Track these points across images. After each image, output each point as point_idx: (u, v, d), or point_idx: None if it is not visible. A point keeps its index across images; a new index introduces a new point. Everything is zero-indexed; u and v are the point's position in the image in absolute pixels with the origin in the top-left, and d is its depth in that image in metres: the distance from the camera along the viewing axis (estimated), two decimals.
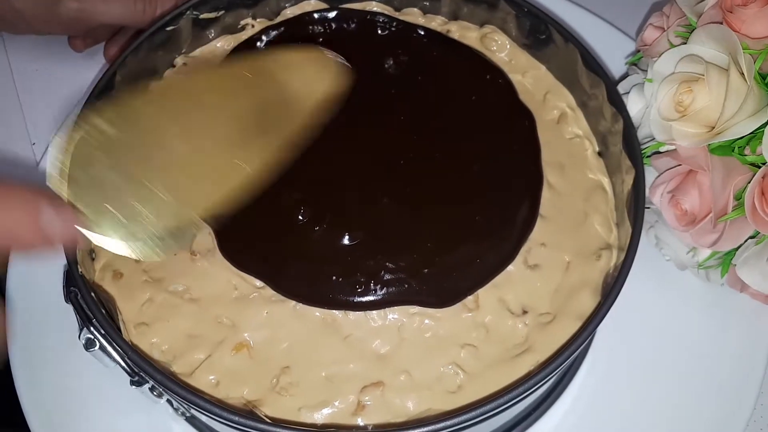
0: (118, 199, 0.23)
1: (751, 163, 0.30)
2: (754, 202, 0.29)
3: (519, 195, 0.33)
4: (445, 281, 0.30)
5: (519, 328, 0.30)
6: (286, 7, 0.39)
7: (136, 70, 0.35)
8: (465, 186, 0.33)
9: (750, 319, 0.36)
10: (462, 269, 0.30)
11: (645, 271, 0.36)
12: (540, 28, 0.36)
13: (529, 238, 0.31)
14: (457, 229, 0.31)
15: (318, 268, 0.30)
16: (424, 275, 0.30)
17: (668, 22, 0.35)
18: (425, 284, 0.30)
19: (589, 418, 0.35)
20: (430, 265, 0.30)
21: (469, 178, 0.33)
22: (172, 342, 0.30)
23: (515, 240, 0.31)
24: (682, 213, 0.33)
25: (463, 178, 0.33)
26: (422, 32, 0.38)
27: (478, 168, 0.33)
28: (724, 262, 0.34)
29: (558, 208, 0.33)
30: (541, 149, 0.34)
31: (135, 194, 0.23)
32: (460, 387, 0.29)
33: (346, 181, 0.32)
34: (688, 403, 0.35)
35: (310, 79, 0.31)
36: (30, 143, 0.43)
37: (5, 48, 0.47)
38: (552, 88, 0.37)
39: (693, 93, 0.31)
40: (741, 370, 0.35)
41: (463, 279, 0.30)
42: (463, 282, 0.30)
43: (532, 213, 0.32)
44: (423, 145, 0.34)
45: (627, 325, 0.36)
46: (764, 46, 0.30)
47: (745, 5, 0.31)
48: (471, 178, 0.33)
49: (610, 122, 0.34)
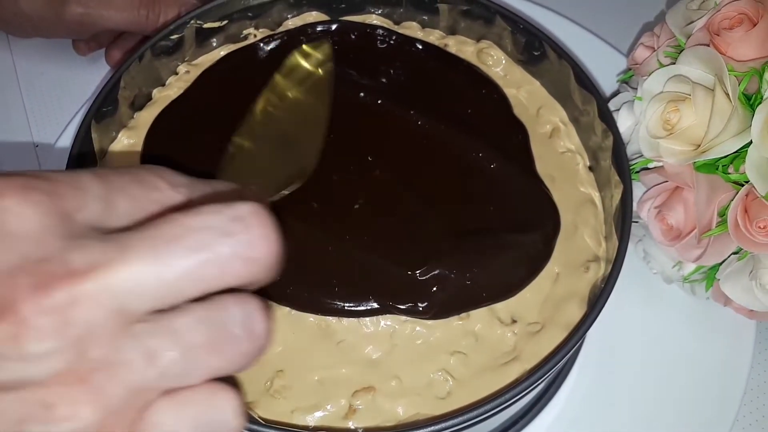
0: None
1: (734, 181, 0.31)
2: (737, 219, 0.30)
3: (532, 238, 0.32)
4: (441, 299, 0.30)
5: (508, 337, 0.31)
6: (287, 18, 0.40)
7: (140, 77, 0.36)
8: (466, 201, 0.33)
9: (733, 332, 0.37)
10: (461, 290, 0.31)
11: (633, 284, 0.37)
12: (534, 45, 0.37)
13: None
14: (457, 248, 0.31)
15: (313, 276, 0.30)
16: (421, 291, 0.30)
17: (658, 42, 0.36)
18: (420, 299, 0.30)
19: (575, 428, 0.35)
20: (428, 283, 0.30)
21: (469, 194, 0.33)
22: None
23: (520, 279, 0.31)
24: (668, 228, 0.34)
25: (462, 193, 0.33)
26: (420, 46, 0.39)
27: (475, 184, 0.33)
28: (708, 277, 0.35)
29: None
30: (534, 162, 0.35)
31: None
32: (449, 393, 0.30)
33: (343, 192, 0.33)
34: (673, 412, 0.36)
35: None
36: (33, 146, 0.44)
37: (11, 51, 0.48)
38: (545, 102, 0.38)
39: (680, 112, 0.32)
40: (724, 382, 0.36)
41: (460, 299, 0.31)
42: (460, 301, 0.31)
43: (546, 254, 0.32)
44: (420, 157, 0.34)
45: (614, 335, 0.37)
46: (749, 68, 0.31)
47: (731, 29, 0.31)
48: (471, 194, 0.33)
49: (601, 138, 0.35)
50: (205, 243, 0.17)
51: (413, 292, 0.30)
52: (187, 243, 0.17)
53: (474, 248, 0.31)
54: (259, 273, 0.17)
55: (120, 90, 0.35)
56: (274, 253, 0.18)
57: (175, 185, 0.19)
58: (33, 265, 0.16)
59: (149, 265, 0.16)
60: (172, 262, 0.16)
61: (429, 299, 0.30)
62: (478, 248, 0.32)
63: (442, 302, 0.30)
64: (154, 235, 0.17)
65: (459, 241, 0.32)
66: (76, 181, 0.17)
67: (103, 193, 0.17)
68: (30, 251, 0.16)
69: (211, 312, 0.17)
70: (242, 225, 0.17)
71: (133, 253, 0.16)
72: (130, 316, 0.16)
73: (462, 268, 0.31)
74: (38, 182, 0.17)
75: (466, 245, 0.31)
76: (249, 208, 0.17)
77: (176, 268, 0.16)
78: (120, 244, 0.16)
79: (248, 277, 0.17)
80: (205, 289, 0.17)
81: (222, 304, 0.17)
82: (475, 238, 0.32)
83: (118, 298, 0.16)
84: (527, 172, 0.35)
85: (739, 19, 0.32)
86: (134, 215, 0.18)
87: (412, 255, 0.31)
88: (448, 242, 0.31)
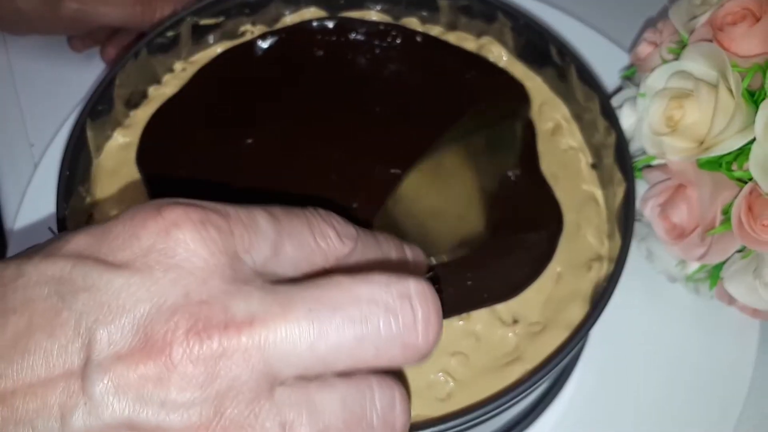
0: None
1: (738, 178, 0.31)
2: (740, 217, 0.30)
3: (535, 238, 0.32)
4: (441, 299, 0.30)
5: (509, 338, 0.30)
6: (285, 14, 0.39)
7: (136, 75, 0.36)
8: (470, 199, 0.32)
9: (737, 332, 0.37)
10: (462, 291, 0.30)
11: (636, 283, 0.37)
12: (536, 41, 0.37)
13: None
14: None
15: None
16: None
17: (661, 37, 0.36)
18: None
19: (579, 428, 0.35)
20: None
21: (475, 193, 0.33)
22: None
23: (523, 279, 0.31)
24: (671, 226, 0.33)
25: (468, 190, 0.33)
26: (420, 39, 0.39)
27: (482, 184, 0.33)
28: (712, 276, 0.34)
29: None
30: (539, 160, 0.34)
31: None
32: (450, 395, 0.29)
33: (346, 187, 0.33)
34: (676, 412, 0.35)
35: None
36: (29, 144, 0.43)
37: (6, 48, 0.47)
38: (547, 99, 0.38)
39: (683, 108, 0.32)
40: (728, 381, 0.36)
41: (461, 300, 0.30)
42: (460, 302, 0.30)
43: (549, 254, 0.32)
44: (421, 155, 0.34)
45: (617, 335, 0.37)
46: (752, 64, 0.31)
47: (734, 24, 0.31)
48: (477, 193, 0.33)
49: (603, 135, 0.34)
50: (369, 318, 0.16)
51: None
52: (350, 313, 0.16)
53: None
54: (414, 359, 0.17)
55: (115, 88, 0.35)
56: (435, 341, 0.17)
57: (344, 236, 0.18)
58: (194, 306, 0.15)
59: (307, 330, 0.15)
60: (331, 331, 0.16)
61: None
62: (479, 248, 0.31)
63: (442, 302, 0.30)
64: (318, 297, 0.16)
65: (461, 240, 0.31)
66: (251, 221, 0.17)
67: (274, 237, 0.17)
68: (194, 289, 0.15)
69: (355, 393, 0.16)
70: (409, 305, 0.16)
71: (293, 313, 0.15)
72: (275, 379, 0.15)
73: (463, 268, 0.30)
74: (215, 218, 0.16)
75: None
76: (418, 287, 0.17)
77: (333, 339, 0.16)
78: (282, 299, 0.16)
79: (403, 362, 0.16)
80: (356, 366, 0.16)
81: (366, 386, 0.16)
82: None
83: (269, 358, 0.15)
84: (531, 170, 0.34)
85: (743, 14, 0.31)
86: (298, 262, 0.17)
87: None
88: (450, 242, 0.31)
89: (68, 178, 0.31)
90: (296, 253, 0.17)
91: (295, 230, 0.17)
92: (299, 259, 0.17)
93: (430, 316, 0.17)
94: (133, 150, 0.35)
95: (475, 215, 0.30)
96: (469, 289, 0.30)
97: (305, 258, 0.17)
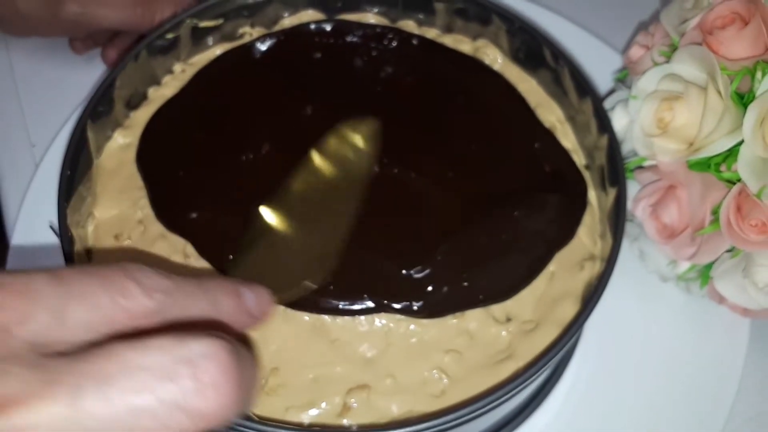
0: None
1: (727, 179, 0.31)
2: (729, 217, 0.30)
3: (533, 240, 0.32)
4: (437, 299, 0.30)
5: (502, 336, 0.31)
6: (284, 17, 0.40)
7: (136, 76, 0.36)
8: (470, 204, 0.33)
9: (727, 331, 0.37)
10: (457, 291, 0.31)
11: (628, 283, 0.37)
12: (531, 43, 0.37)
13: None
14: (455, 250, 0.31)
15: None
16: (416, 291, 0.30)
17: (653, 40, 0.36)
18: (415, 299, 0.30)
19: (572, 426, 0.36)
20: (423, 283, 0.31)
21: (476, 199, 0.33)
22: None
23: (517, 281, 0.31)
24: (662, 226, 0.34)
25: (469, 196, 0.33)
26: (416, 42, 0.39)
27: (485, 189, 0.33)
28: (702, 275, 0.35)
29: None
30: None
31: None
32: (444, 391, 0.30)
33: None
34: (667, 409, 0.36)
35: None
36: (30, 145, 0.44)
37: (8, 49, 0.48)
38: (542, 101, 0.38)
39: (673, 110, 0.32)
40: (718, 379, 0.36)
41: (456, 300, 0.31)
42: (455, 302, 0.31)
43: (545, 257, 0.32)
44: (425, 158, 0.34)
45: (609, 334, 0.37)
46: (741, 67, 0.31)
47: (723, 28, 0.32)
48: (478, 199, 0.33)
49: (596, 137, 0.35)
50: (144, 388, 0.14)
51: (408, 292, 0.30)
52: (122, 385, 0.14)
53: (471, 248, 0.32)
54: (206, 425, 0.15)
55: (116, 89, 0.35)
56: (227, 406, 0.15)
57: (151, 290, 0.17)
58: None
59: (72, 407, 0.14)
60: (99, 407, 0.14)
61: (424, 299, 0.30)
62: (475, 248, 0.32)
63: (437, 302, 0.30)
64: (86, 371, 0.14)
65: (456, 240, 0.32)
66: (27, 287, 0.15)
67: (56, 303, 0.15)
68: None
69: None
70: (190, 369, 0.15)
71: (55, 390, 0.14)
72: None
73: (458, 268, 0.31)
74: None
75: (462, 245, 0.32)
76: (204, 348, 0.15)
77: (103, 415, 0.14)
78: (47, 376, 0.14)
79: (195, 428, 0.15)
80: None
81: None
82: (472, 238, 0.32)
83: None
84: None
85: (732, 18, 0.32)
86: (93, 325, 0.16)
87: (408, 254, 0.31)
88: (445, 242, 0.31)
89: (69, 178, 0.32)
90: (89, 316, 0.16)
91: (86, 291, 0.16)
92: (94, 321, 0.16)
93: (219, 377, 0.15)
94: (133, 150, 0.35)
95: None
96: (464, 290, 0.31)
97: (102, 320, 0.16)
